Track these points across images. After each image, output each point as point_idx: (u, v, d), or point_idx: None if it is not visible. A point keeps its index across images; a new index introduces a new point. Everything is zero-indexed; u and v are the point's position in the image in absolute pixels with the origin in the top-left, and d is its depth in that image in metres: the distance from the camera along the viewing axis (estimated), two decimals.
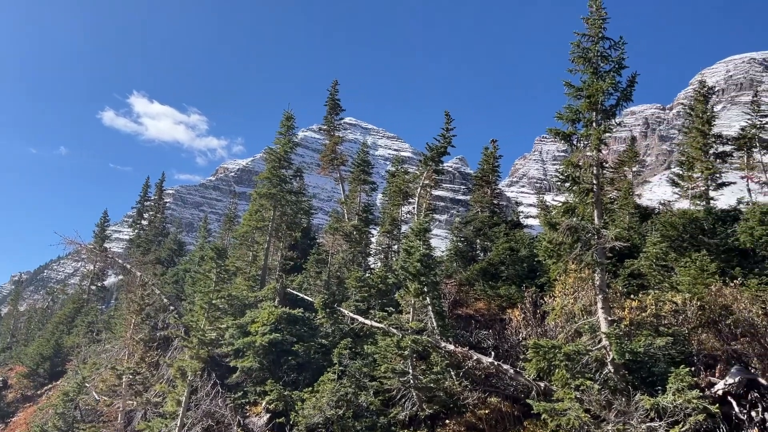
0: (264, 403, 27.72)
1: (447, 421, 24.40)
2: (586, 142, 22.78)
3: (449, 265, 41.67)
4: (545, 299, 27.38)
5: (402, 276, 27.27)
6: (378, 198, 73.03)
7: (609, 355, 20.49)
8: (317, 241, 47.48)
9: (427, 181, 47.27)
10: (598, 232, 21.53)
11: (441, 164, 47.38)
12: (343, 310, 31.93)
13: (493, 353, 26.30)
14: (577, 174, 22.43)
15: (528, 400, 21.53)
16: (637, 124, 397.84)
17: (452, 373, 25.94)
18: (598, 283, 21.72)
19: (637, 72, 22.82)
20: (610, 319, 21.33)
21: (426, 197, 48.71)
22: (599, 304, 21.59)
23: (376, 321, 28.99)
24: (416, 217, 43.91)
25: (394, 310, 28.71)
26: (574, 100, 23.02)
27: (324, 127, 57.02)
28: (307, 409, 25.25)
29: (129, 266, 52.55)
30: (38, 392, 50.25)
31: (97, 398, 33.07)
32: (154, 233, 73.11)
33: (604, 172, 23.04)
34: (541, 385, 22.87)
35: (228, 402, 28.26)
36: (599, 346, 20.90)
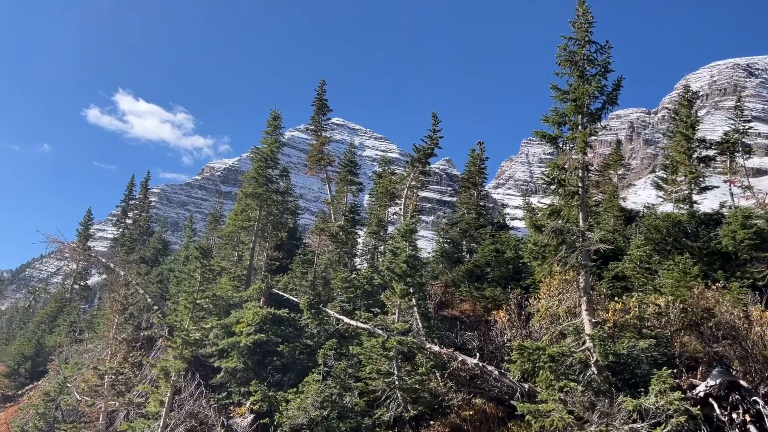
0: (248, 404, 27.59)
1: (431, 422, 24.43)
2: (572, 145, 22.91)
3: (435, 267, 41.73)
4: (530, 301, 27.51)
5: (388, 277, 27.27)
6: (365, 199, 72.94)
7: (593, 357, 20.61)
8: (303, 242, 47.32)
9: (413, 183, 47.36)
10: (583, 235, 21.65)
11: (428, 165, 47.51)
12: (329, 311, 31.85)
13: (478, 354, 26.36)
14: (563, 177, 22.55)
15: (512, 402, 21.60)
16: (623, 128, 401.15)
17: (437, 374, 25.98)
18: (583, 285, 21.84)
19: (623, 76, 23.03)
20: (594, 321, 21.46)
21: (413, 198, 48.79)
22: (583, 306, 21.71)
23: (361, 322, 28.96)
24: (403, 218, 43.98)
25: (379, 311, 28.72)
26: (560, 103, 23.15)
27: (311, 127, 56.86)
28: (291, 410, 25.17)
29: (113, 265, 52.16)
30: (19, 392, 49.60)
31: (79, 398, 32.73)
32: (139, 232, 72.44)
33: (590, 175, 23.16)
34: (526, 386, 22.96)
35: (212, 403, 28.09)
36: (583, 347, 21.01)
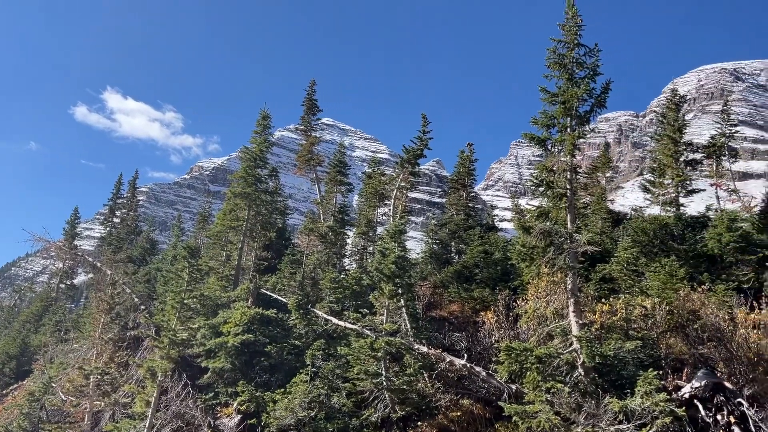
0: (235, 404, 27.47)
1: (419, 423, 24.43)
2: (561, 148, 23.04)
3: (424, 267, 41.76)
4: (518, 302, 27.61)
5: (377, 277, 27.26)
6: (354, 199, 72.83)
7: (580, 358, 20.72)
8: (292, 242, 47.19)
9: (403, 183, 47.39)
10: (571, 237, 21.77)
11: (417, 166, 47.56)
12: (317, 312, 31.78)
13: (466, 355, 26.42)
14: (551, 179, 22.66)
15: (500, 403, 21.68)
16: (611, 131, 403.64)
17: (425, 375, 25.99)
18: (570, 287, 21.96)
19: (611, 79, 23.17)
20: (581, 322, 21.58)
21: (402, 199, 48.81)
22: (571, 308, 21.83)
23: (350, 322, 28.93)
24: (392, 219, 43.99)
25: (368, 311, 28.68)
26: (549, 106, 23.26)
27: (301, 127, 56.73)
28: (278, 411, 25.09)
29: (99, 264, 51.77)
30: (3, 392, 49.05)
31: (64, 398, 32.45)
32: (126, 231, 71.90)
33: (578, 178, 23.36)
34: (513, 387, 23.04)
35: (199, 403, 27.95)
36: (570, 349, 21.12)
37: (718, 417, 20.09)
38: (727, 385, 20.77)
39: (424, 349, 25.95)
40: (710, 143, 49.85)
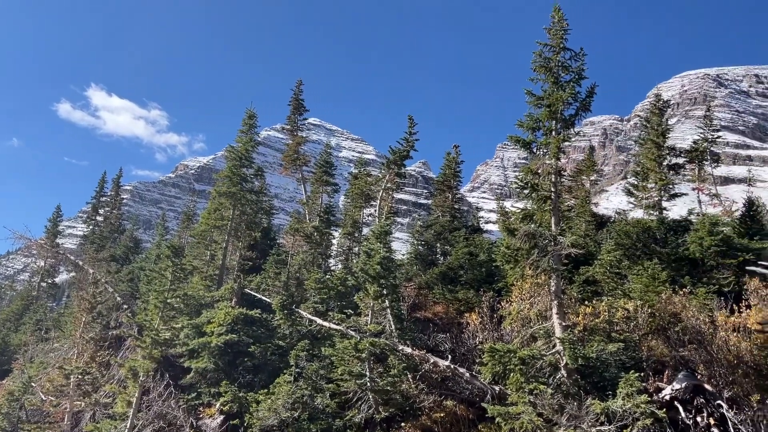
0: (218, 405, 27.31)
1: (402, 424, 24.45)
2: (546, 150, 23.16)
3: (409, 269, 41.84)
4: (502, 304, 27.72)
5: (362, 278, 27.25)
6: (340, 200, 72.81)
7: (562, 360, 20.84)
8: (277, 242, 47.04)
9: (389, 184, 47.40)
10: (555, 239, 21.91)
11: (404, 168, 47.59)
12: (302, 312, 31.70)
13: (450, 357, 26.49)
14: (536, 181, 22.78)
15: (483, 404, 21.74)
16: (596, 134, 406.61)
17: (409, 376, 26.03)
18: (554, 289, 22.09)
19: (596, 83, 23.30)
20: (564, 324, 21.72)
21: (388, 200, 48.84)
22: (554, 310, 21.95)
23: (334, 323, 28.89)
24: (378, 220, 43.97)
25: (353, 312, 28.68)
26: (534, 109, 23.39)
27: (287, 127, 56.69)
28: (262, 411, 24.98)
29: (81, 263, 51.26)
30: None
31: (44, 398, 32.04)
32: (110, 230, 71.25)
33: (563, 180, 23.45)
34: (496, 388, 23.14)
35: (181, 403, 27.74)
36: (553, 350, 21.23)
37: (698, 419, 20.31)
38: (707, 387, 21.01)
39: (409, 350, 25.98)
40: (693, 148, 50.41)
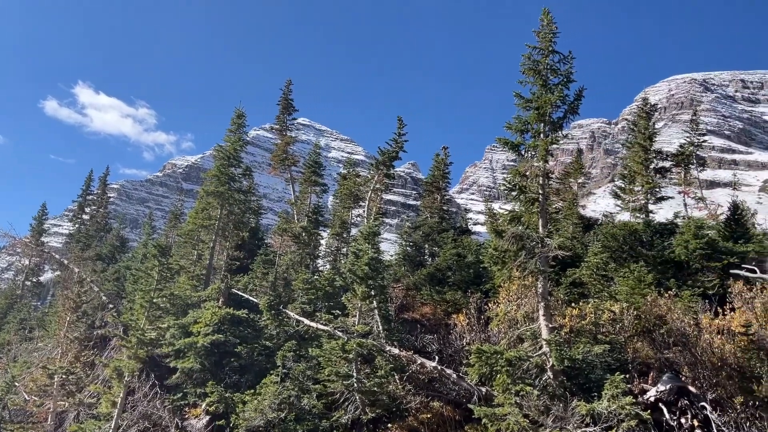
0: (204, 405, 27.13)
1: (389, 425, 24.44)
2: (534, 153, 23.29)
3: (398, 269, 41.83)
4: (490, 305, 27.80)
5: (350, 279, 27.21)
6: (329, 200, 72.74)
7: (549, 362, 20.94)
8: (265, 242, 46.84)
9: (378, 185, 47.39)
10: (542, 241, 22.01)
11: (392, 169, 47.60)
12: (289, 312, 31.60)
13: (437, 358, 26.51)
14: (524, 183, 22.90)
15: (469, 405, 21.81)
16: (584, 137, 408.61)
17: (396, 377, 26.02)
18: (541, 291, 22.19)
19: (584, 86, 23.49)
20: (551, 326, 21.82)
21: (377, 201, 48.82)
22: (541, 312, 22.06)
23: (321, 323, 28.82)
24: (366, 221, 43.94)
25: (340, 312, 28.62)
26: (523, 111, 23.50)
27: (276, 127, 56.47)
28: (248, 412, 24.87)
29: (66, 262, 50.77)
30: None
31: (27, 398, 31.69)
32: (96, 228, 70.61)
33: (550, 183, 23.56)
34: (483, 390, 23.19)
35: (166, 404, 27.54)
36: (540, 352, 21.33)
37: (682, 420, 20.49)
38: (692, 389, 21.20)
39: (396, 351, 25.98)
40: (679, 152, 50.97)
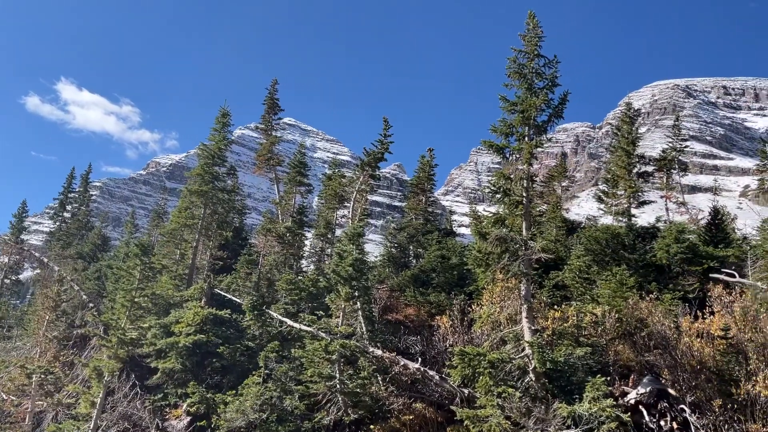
0: (185, 406, 26.93)
1: (371, 426, 24.38)
2: (518, 156, 23.42)
3: (382, 271, 41.78)
4: (473, 307, 27.87)
5: (334, 280, 27.12)
6: (314, 200, 72.59)
7: (531, 364, 21.03)
8: (249, 242, 46.62)
9: (363, 186, 47.33)
10: (526, 244, 22.12)
11: (378, 170, 47.56)
12: (272, 313, 31.43)
13: (420, 359, 26.54)
14: (509, 186, 22.99)
15: (452, 407, 21.83)
16: (569, 141, 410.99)
17: (379, 379, 26.00)
18: (524, 293, 22.29)
19: (569, 90, 23.68)
20: (533, 328, 21.92)
21: (362, 202, 48.75)
22: (524, 314, 22.15)
23: (305, 324, 28.69)
24: (351, 222, 43.87)
25: (324, 314, 28.53)
26: (508, 114, 23.62)
27: (261, 126, 56.23)
28: (229, 413, 24.69)
29: (46, 260, 50.15)
30: None
31: (5, 398, 31.22)
32: (77, 227, 69.78)
33: (534, 186, 23.71)
34: (465, 391, 23.23)
35: (147, 404, 27.31)
36: (522, 354, 21.43)
37: (662, 423, 20.69)
38: (671, 391, 21.42)
39: (379, 353, 25.96)
40: (662, 157, 51.61)
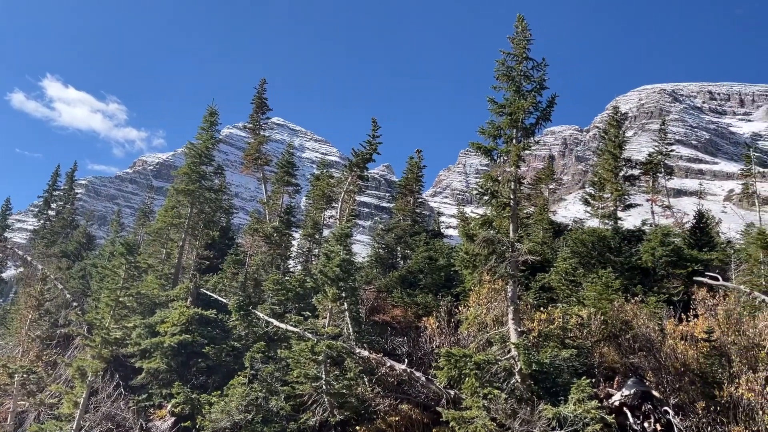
0: (169, 407, 26.69)
1: (357, 428, 24.31)
2: (506, 158, 23.52)
3: (369, 272, 41.75)
4: (460, 308, 27.95)
5: (321, 280, 27.03)
6: (302, 201, 72.40)
7: (517, 365, 21.10)
8: (236, 242, 46.41)
9: (351, 187, 47.24)
10: (513, 246, 22.19)
11: (366, 170, 47.47)
12: (259, 313, 31.26)
13: (407, 360, 26.51)
14: (496, 188, 23.07)
15: (438, 408, 21.84)
16: (557, 144, 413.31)
17: (365, 380, 25.93)
18: (510, 295, 22.37)
19: (557, 93, 23.82)
20: (519, 330, 22.01)
21: (350, 202, 48.65)
22: (510, 315, 22.23)
23: (291, 325, 28.57)
24: (339, 222, 43.78)
25: (311, 314, 28.45)
26: (496, 117, 23.72)
27: (250, 126, 56.05)
28: (214, 413, 24.51)
29: (30, 258, 49.60)
30: None
31: None
32: (62, 225, 69.07)
33: (522, 188, 23.82)
34: (452, 393, 23.25)
35: (131, 405, 27.03)
36: (508, 356, 21.49)
37: (646, 425, 20.84)
38: (655, 393, 21.58)
39: (365, 354, 25.91)
40: (648, 160, 52.10)
